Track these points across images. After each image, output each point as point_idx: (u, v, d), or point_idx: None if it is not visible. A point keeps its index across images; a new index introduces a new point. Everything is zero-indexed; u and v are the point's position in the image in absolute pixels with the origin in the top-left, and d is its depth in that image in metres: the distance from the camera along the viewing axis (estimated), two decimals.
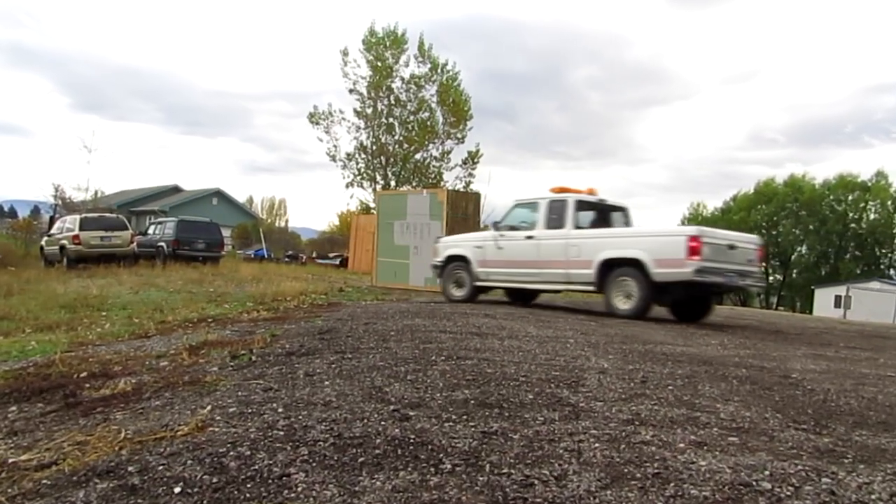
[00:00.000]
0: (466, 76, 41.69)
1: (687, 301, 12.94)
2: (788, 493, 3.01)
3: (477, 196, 23.15)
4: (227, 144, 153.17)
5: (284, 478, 3.06)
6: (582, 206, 13.99)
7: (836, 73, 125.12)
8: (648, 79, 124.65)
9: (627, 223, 14.61)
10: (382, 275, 21.70)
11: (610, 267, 12.55)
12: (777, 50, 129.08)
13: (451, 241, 16.01)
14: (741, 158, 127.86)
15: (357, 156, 43.92)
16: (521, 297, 15.56)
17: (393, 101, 43.71)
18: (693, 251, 11.51)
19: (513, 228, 14.47)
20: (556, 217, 13.73)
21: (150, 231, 31.42)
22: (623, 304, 12.37)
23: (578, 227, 13.60)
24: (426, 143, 43.61)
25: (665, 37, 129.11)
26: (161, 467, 3.20)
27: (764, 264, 11.11)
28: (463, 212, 20.84)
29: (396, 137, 43.87)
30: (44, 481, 3.19)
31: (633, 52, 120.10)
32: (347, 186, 44.17)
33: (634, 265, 12.16)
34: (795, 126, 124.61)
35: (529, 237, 14.00)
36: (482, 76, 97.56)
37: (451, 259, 15.47)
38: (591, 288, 13.07)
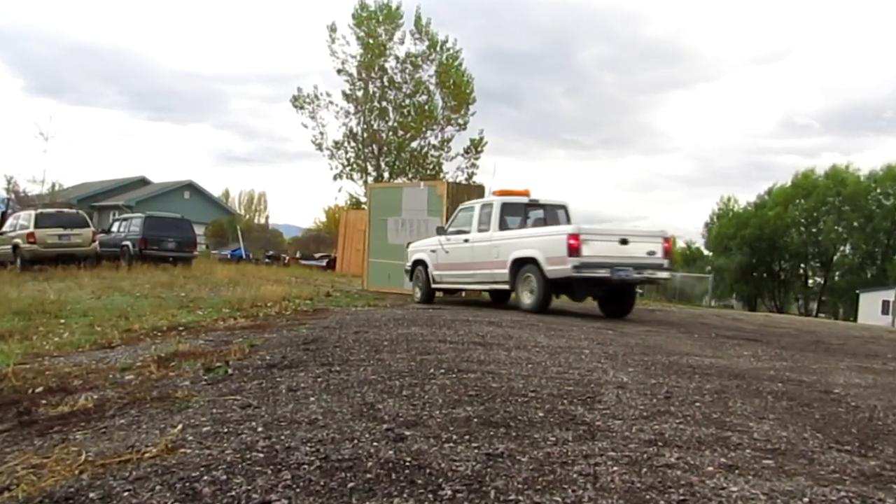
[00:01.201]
0: (465, 56, 42.01)
1: (611, 296, 15.03)
2: None
3: (481, 189, 22.86)
4: (199, 132, 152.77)
5: None
6: (510, 208, 15.92)
7: (876, 52, 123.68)
8: (667, 59, 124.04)
9: (568, 220, 15.96)
10: (374, 278, 21.78)
11: (519, 265, 14.56)
12: (810, 27, 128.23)
13: (418, 246, 17.98)
14: (772, 147, 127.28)
15: (346, 144, 43.87)
16: (500, 298, 17.01)
17: (386, 83, 43.63)
18: (573, 249, 13.38)
19: (459, 232, 16.48)
20: (485, 220, 15.80)
21: (115, 228, 31.30)
22: (527, 299, 14.41)
23: (507, 229, 15.52)
24: (424, 129, 43.52)
25: (685, 12, 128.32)
26: (126, 493, 3.20)
27: (668, 258, 12.65)
28: None
29: (390, 123, 43.81)
30: None
31: (650, 28, 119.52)
32: (335, 178, 44.13)
33: (534, 263, 14.14)
34: (831, 111, 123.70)
35: (466, 240, 16.12)
36: (482, 55, 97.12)
37: (416, 263, 17.62)
38: (507, 287, 15.11)
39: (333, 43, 43.19)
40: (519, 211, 16.10)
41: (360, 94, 43.50)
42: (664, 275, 15.09)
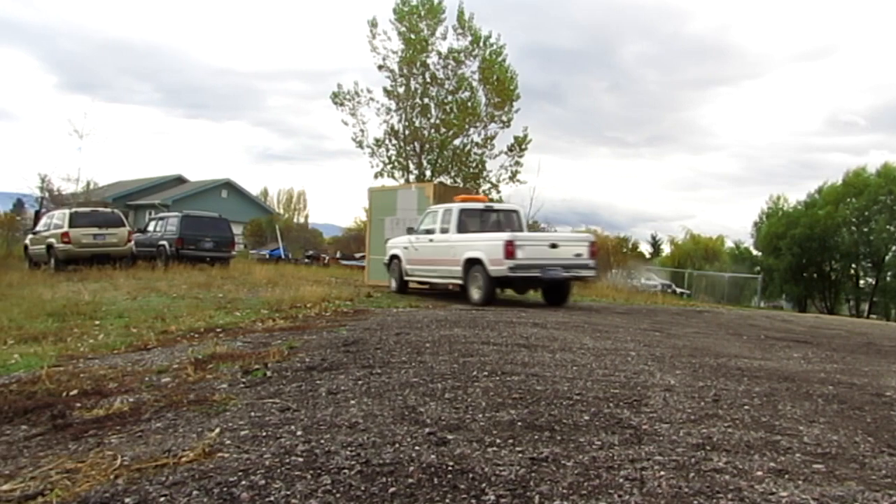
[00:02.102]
0: (507, 52, 41.95)
1: (549, 289, 17.94)
2: None
3: (466, 191, 27.10)
4: (235, 129, 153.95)
5: None
6: (469, 212, 18.94)
7: None
8: (711, 55, 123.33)
9: (520, 224, 19.50)
10: (374, 273, 24.12)
11: (469, 265, 17.20)
12: (856, 23, 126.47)
13: (394, 243, 21.11)
14: (820, 145, 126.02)
15: (387, 141, 43.90)
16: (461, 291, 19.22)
17: (428, 79, 43.60)
18: (509, 253, 16.08)
19: (427, 232, 19.38)
20: (446, 223, 18.75)
21: (151, 228, 31.70)
22: (476, 293, 16.99)
23: (467, 231, 18.34)
24: (466, 126, 43.43)
25: (729, 8, 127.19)
26: (162, 499, 3.23)
27: (594, 258, 17.32)
28: None
29: (432, 120, 43.76)
30: None
31: (693, 25, 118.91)
32: (376, 177, 44.17)
33: (480, 264, 16.79)
34: (879, 108, 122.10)
35: (431, 239, 19.05)
36: (524, 52, 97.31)
37: (393, 258, 20.71)
38: (460, 282, 17.74)
39: (374, 38, 43.25)
40: (476, 215, 19.19)
41: (401, 90, 43.51)
42: (590, 273, 17.68)
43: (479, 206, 19.68)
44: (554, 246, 16.84)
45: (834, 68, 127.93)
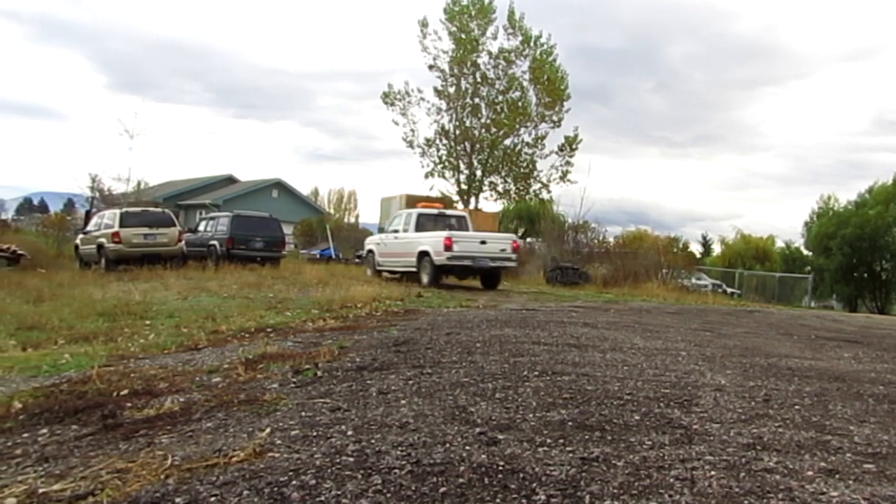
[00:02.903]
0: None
1: (484, 277, 23.87)
2: None
3: (446, 200, 34.95)
4: (285, 129, 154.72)
5: None
6: (426, 216, 24.74)
7: None
8: (757, 55, 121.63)
9: (466, 226, 25.03)
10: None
11: (421, 256, 22.79)
12: None
13: (370, 240, 28.19)
14: (867, 145, 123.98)
15: (438, 141, 44.13)
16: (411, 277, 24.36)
17: (479, 79, 43.71)
18: (447, 246, 21.68)
19: (394, 231, 25.41)
20: (407, 224, 24.75)
21: (201, 228, 32.09)
22: (425, 278, 22.50)
23: (424, 231, 23.79)
24: (517, 126, 43.51)
25: (775, 8, 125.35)
26: (213, 499, 3.28)
27: (515, 253, 23.77)
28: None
29: (483, 120, 43.88)
30: None
31: (740, 25, 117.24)
32: (427, 176, 44.48)
33: (428, 255, 22.39)
34: None
35: (396, 237, 25.00)
36: (571, 53, 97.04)
37: (369, 252, 27.41)
38: (415, 270, 23.17)
39: (425, 38, 43.51)
40: (432, 218, 24.83)
41: (451, 90, 43.66)
42: (512, 264, 23.77)
43: (434, 211, 25.86)
44: (483, 242, 22.57)
45: (880, 68, 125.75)
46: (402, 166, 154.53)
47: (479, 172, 43.40)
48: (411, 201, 32.45)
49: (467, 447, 3.93)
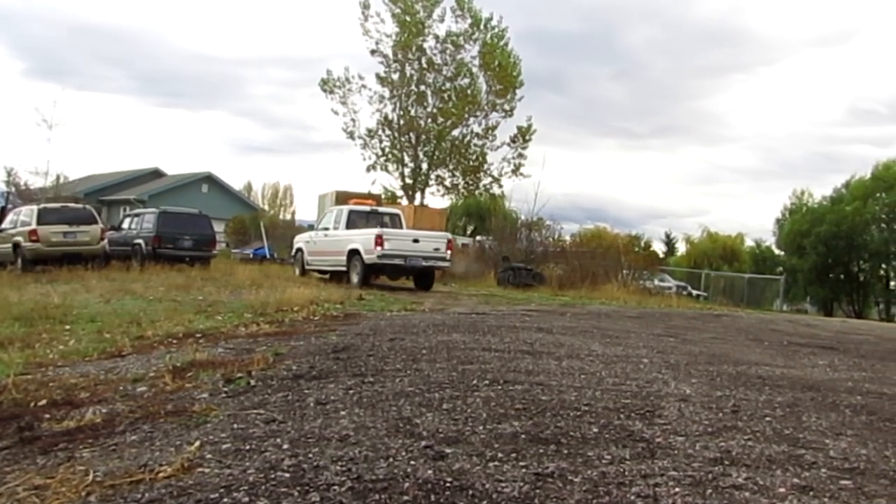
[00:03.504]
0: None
1: (417, 276, 24.21)
2: None
3: (377, 198, 35.75)
4: (216, 119, 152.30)
5: None
6: (358, 214, 25.14)
7: None
8: (723, 40, 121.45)
9: (400, 224, 25.63)
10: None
11: (352, 254, 23.15)
12: (877, 5, 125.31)
13: (299, 238, 28.47)
14: (842, 136, 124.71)
15: (380, 132, 43.98)
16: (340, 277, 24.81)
17: (425, 65, 43.58)
18: (378, 244, 22.04)
19: (324, 229, 25.74)
20: (338, 222, 25.08)
21: (125, 225, 31.59)
22: (355, 278, 22.93)
23: (355, 228, 24.19)
24: (466, 116, 43.46)
25: None
26: None
27: (449, 251, 24.27)
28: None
29: (429, 109, 43.77)
30: None
31: (703, 7, 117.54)
32: (369, 170, 44.33)
33: (358, 253, 22.80)
34: None
35: (326, 235, 25.47)
36: (524, 37, 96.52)
37: (297, 250, 27.71)
38: (344, 269, 23.63)
39: (366, 21, 43.24)
40: (364, 216, 25.15)
41: (395, 77, 43.50)
42: (446, 264, 24.30)
43: (366, 208, 26.29)
44: (416, 241, 23.24)
45: (854, 53, 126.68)
46: (343, 159, 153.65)
47: (424, 165, 43.37)
48: (342, 198, 32.83)
49: (412, 462, 3.92)
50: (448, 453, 4.09)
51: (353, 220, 24.79)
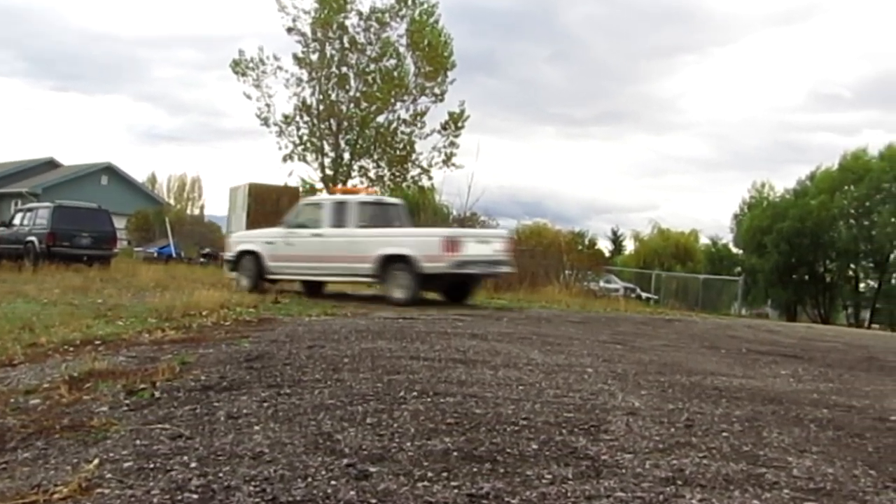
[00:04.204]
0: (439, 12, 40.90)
1: (458, 286, 20.29)
2: None
3: (294, 191, 33.45)
4: (115, 104, 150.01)
5: None
6: (363, 205, 21.45)
7: None
8: (671, 18, 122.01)
9: (407, 219, 22.65)
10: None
11: (389, 261, 19.09)
12: None
13: (244, 237, 23.25)
14: (804, 123, 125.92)
15: (298, 118, 43.53)
16: (314, 288, 21.99)
17: (347, 45, 43.26)
18: (448, 248, 18.38)
19: (301, 226, 21.21)
20: (339, 217, 20.78)
21: (16, 221, 31.16)
22: (398, 293, 18.84)
23: (361, 226, 20.44)
24: (392, 100, 43.23)
25: None
26: None
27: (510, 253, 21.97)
28: (273, 206, 27.52)
29: (352, 93, 43.48)
30: None
31: None
32: (285, 160, 43.80)
33: (404, 260, 18.83)
34: (871, 80, 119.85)
35: (317, 235, 20.72)
36: (455, 15, 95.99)
37: (244, 253, 22.00)
38: (370, 280, 20.02)
39: None
40: (369, 208, 21.71)
41: (314, 57, 43.11)
42: (509, 269, 21.99)
43: (372, 198, 23.43)
44: (485, 241, 20.51)
45: (815, 33, 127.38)
46: (256, 148, 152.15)
47: (346, 155, 43.08)
48: (257, 191, 30.28)
49: (333, 482, 3.90)
50: (372, 472, 4.07)
51: (360, 216, 20.72)
